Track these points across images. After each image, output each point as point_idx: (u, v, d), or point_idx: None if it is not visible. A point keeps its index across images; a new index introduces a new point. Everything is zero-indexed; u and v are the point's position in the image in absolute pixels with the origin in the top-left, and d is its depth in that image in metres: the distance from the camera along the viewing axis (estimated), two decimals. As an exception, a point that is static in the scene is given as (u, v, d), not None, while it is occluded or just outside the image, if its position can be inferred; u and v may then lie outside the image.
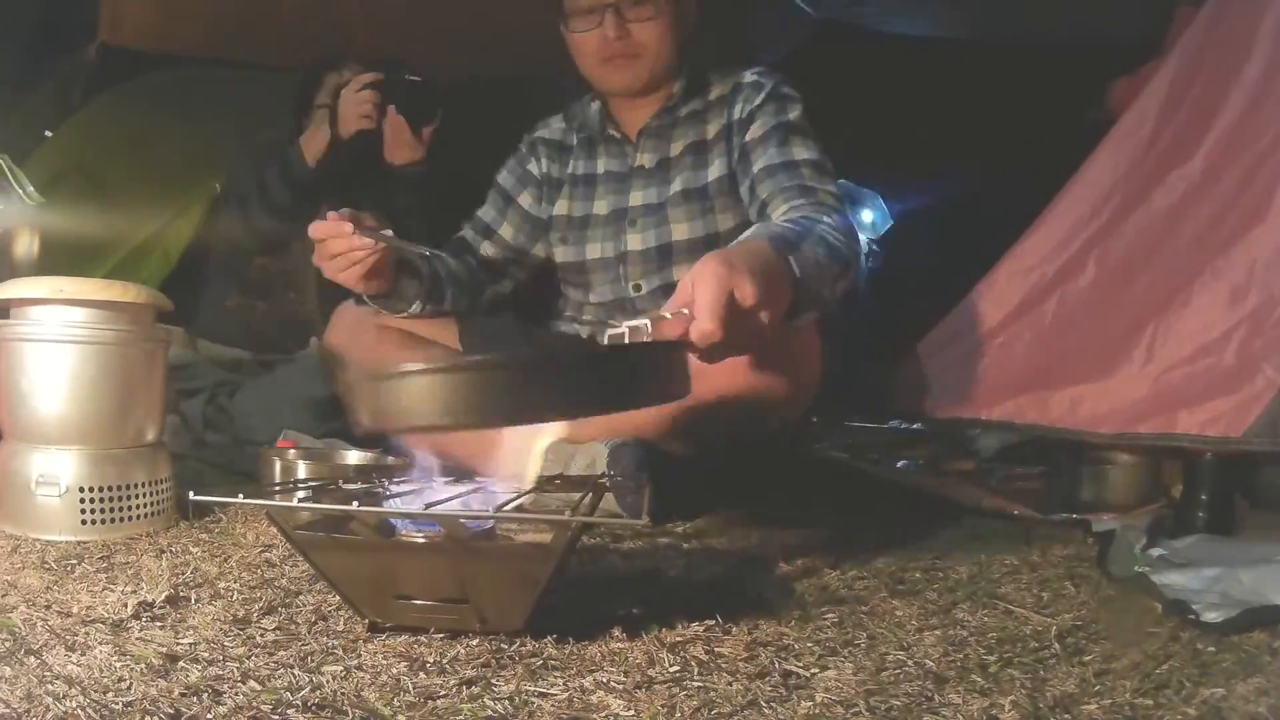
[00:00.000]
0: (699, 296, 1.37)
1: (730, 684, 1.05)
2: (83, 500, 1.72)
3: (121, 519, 1.75)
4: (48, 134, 3.83)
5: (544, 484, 1.46)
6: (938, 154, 3.21)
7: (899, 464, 2.31)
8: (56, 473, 1.72)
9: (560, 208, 2.53)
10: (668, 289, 2.30)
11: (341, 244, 2.06)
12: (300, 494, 1.29)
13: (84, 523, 1.72)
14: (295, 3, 3.66)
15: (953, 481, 2.13)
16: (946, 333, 2.18)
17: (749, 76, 2.37)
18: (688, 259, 2.29)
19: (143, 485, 1.79)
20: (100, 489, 1.74)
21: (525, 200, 2.57)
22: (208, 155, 3.52)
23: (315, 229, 2.06)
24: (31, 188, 2.56)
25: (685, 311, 1.38)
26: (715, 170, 2.35)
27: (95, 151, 3.59)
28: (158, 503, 1.81)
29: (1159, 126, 2.09)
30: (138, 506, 1.78)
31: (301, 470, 2.02)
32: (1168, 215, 2.03)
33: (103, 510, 1.73)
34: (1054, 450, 2.29)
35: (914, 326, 2.39)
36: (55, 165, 3.34)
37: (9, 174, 2.55)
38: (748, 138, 2.28)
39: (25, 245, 2.49)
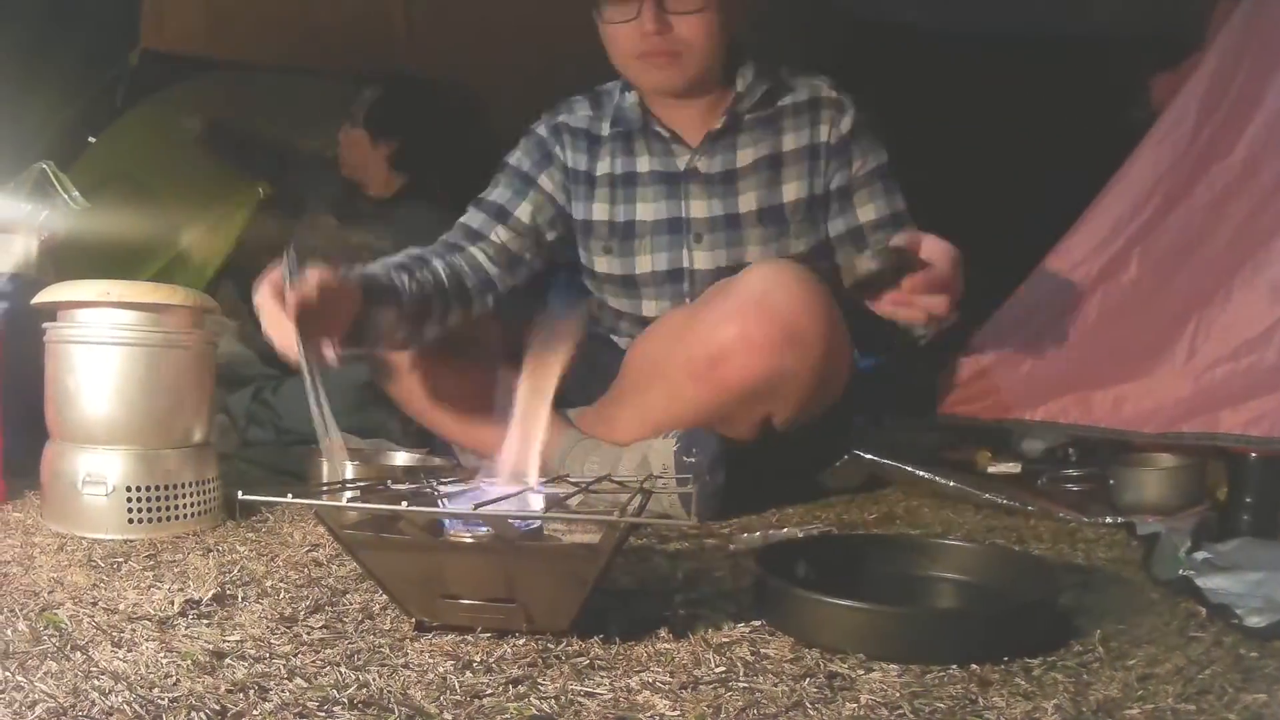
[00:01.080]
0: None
1: (775, 685, 1.05)
2: (129, 499, 1.73)
3: (168, 518, 1.76)
4: (91, 140, 3.86)
5: (592, 484, 1.46)
6: (977, 154, 3.19)
7: (943, 465, 2.29)
8: (103, 472, 1.73)
9: (599, 211, 2.33)
10: None
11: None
12: (349, 494, 1.29)
13: (130, 521, 1.73)
14: (337, 8, 3.68)
15: (997, 483, 2.11)
16: (990, 332, 2.17)
17: (827, 90, 2.26)
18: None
19: (190, 485, 1.80)
20: (147, 488, 1.75)
21: (547, 183, 2.35)
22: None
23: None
24: (76, 193, 2.58)
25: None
26: (793, 190, 2.24)
27: (139, 157, 3.62)
28: (205, 502, 1.83)
29: (1200, 121, 2.07)
30: (184, 506, 1.79)
31: (350, 471, 2.03)
32: (1209, 210, 2.00)
33: (149, 509, 1.75)
34: (1098, 451, 2.28)
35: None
36: (100, 170, 3.37)
37: (54, 179, 2.57)
38: (853, 173, 2.24)
39: (71, 249, 2.50)
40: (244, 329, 3.02)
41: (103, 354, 1.76)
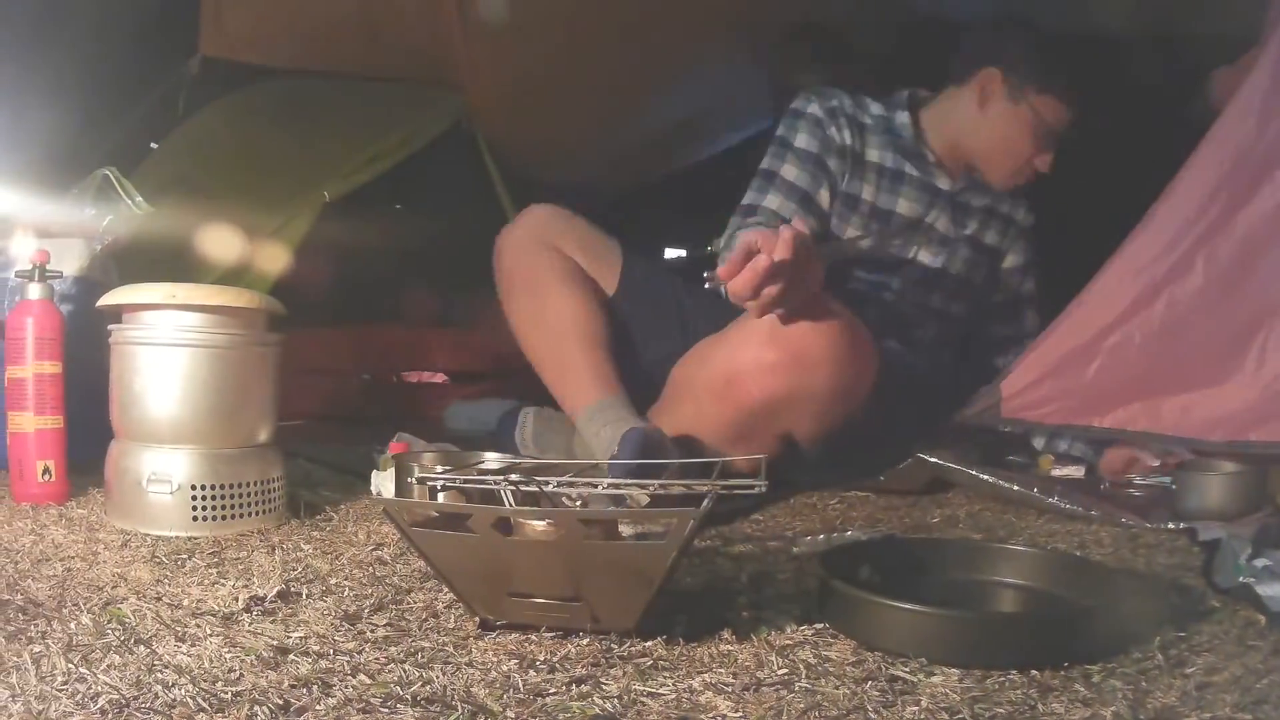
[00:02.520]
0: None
1: (837, 688, 1.04)
2: (194, 498, 1.77)
3: (232, 516, 1.79)
4: (153, 146, 3.90)
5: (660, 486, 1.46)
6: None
7: (1007, 469, 2.27)
8: (168, 471, 1.76)
9: (866, 191, 2.54)
10: (918, 309, 2.56)
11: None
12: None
13: (195, 519, 1.76)
14: (394, 14, 3.70)
15: (1060, 488, 2.09)
16: (1056, 336, 2.14)
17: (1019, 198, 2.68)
18: (946, 294, 2.59)
19: (254, 484, 1.83)
20: (211, 487, 1.78)
21: (833, 164, 2.52)
22: (311, 165, 3.55)
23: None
24: (140, 197, 2.60)
25: None
26: (991, 238, 2.65)
27: (200, 163, 3.65)
28: (268, 501, 1.86)
29: (1264, 118, 2.02)
30: (248, 505, 1.82)
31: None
32: (1276, 213, 1.97)
33: (213, 508, 1.78)
34: (1164, 458, 2.26)
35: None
36: (162, 176, 3.39)
37: (118, 185, 2.60)
38: (1009, 265, 2.70)
39: (134, 253, 2.53)
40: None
41: (168, 355, 1.78)
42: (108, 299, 1.86)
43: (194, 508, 1.76)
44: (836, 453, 2.16)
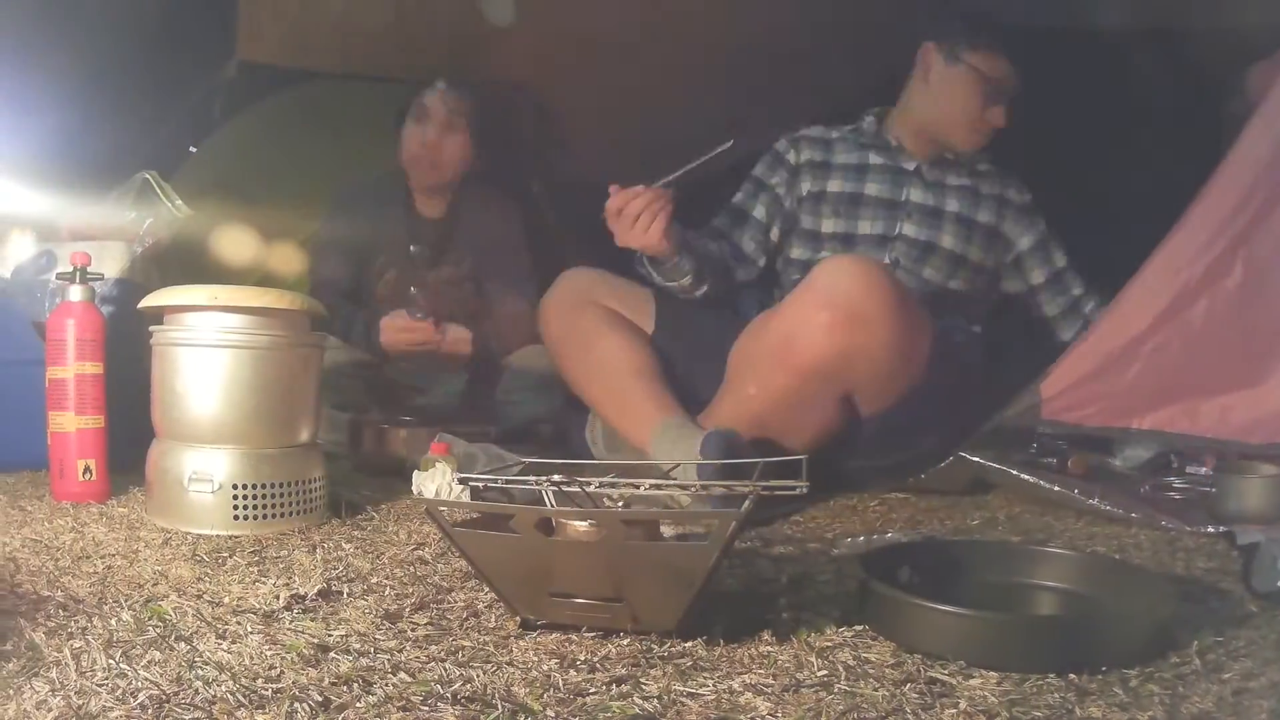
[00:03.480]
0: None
1: (876, 690, 1.04)
2: (235, 497, 1.79)
3: (273, 515, 1.82)
4: (192, 150, 3.92)
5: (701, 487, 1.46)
6: (1072, 151, 3.13)
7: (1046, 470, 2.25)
8: (210, 470, 1.78)
9: (833, 185, 2.72)
10: (917, 281, 2.62)
11: (640, 201, 2.23)
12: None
13: (236, 518, 1.78)
14: (430, 18, 3.70)
15: (1100, 490, 2.08)
16: (1095, 338, 2.12)
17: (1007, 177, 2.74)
18: (941, 265, 2.65)
19: (295, 484, 1.85)
20: (252, 486, 1.80)
21: (776, 183, 2.77)
22: (348, 168, 3.56)
23: (614, 201, 2.25)
24: (180, 200, 2.62)
25: None
26: (984, 216, 2.69)
27: (238, 167, 3.66)
28: (309, 501, 1.88)
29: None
30: (289, 504, 1.84)
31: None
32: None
33: (254, 507, 1.80)
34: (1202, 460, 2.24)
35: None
36: (201, 180, 3.41)
37: (157, 188, 2.61)
38: (1026, 246, 2.72)
39: (174, 255, 2.54)
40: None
41: (210, 356, 1.79)
42: (149, 300, 1.87)
43: (235, 507, 1.78)
44: (893, 430, 2.21)
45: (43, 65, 3.10)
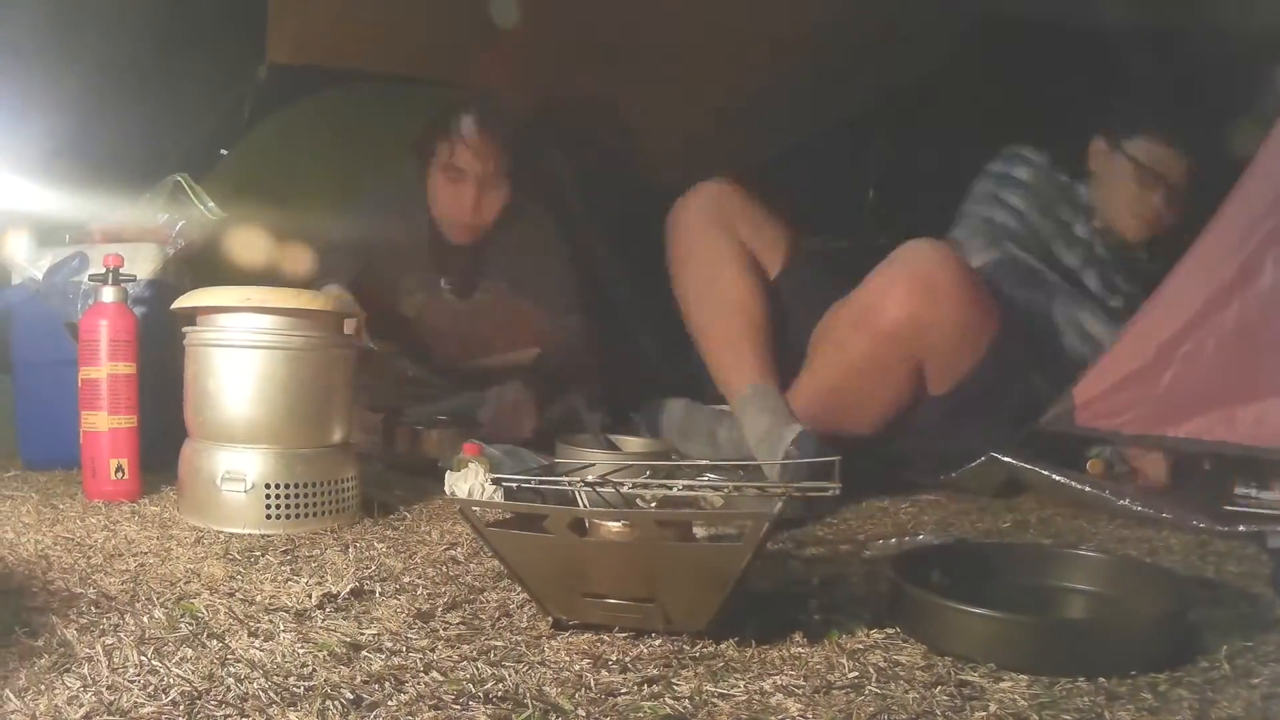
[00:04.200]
0: None
1: (907, 692, 1.04)
2: (268, 496, 1.79)
3: (305, 515, 1.82)
4: (223, 152, 3.94)
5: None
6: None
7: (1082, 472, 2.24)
8: (243, 470, 1.79)
9: None
10: None
11: None
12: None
13: (269, 517, 1.79)
14: (461, 19, 3.71)
15: (1133, 490, 2.07)
16: (1128, 343, 2.10)
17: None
18: None
19: (327, 483, 1.86)
20: (285, 486, 1.81)
21: None
22: (378, 170, 3.57)
23: None
24: (212, 203, 2.63)
25: None
26: None
27: (270, 169, 3.68)
28: (341, 500, 1.89)
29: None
30: (321, 504, 1.84)
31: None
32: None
33: (287, 506, 1.80)
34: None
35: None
36: (232, 181, 3.42)
37: (189, 190, 2.63)
38: None
39: (207, 256, 2.56)
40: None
41: (244, 357, 1.80)
42: (183, 302, 1.88)
43: (268, 506, 1.78)
44: (959, 414, 2.28)
45: (73, 69, 3.12)
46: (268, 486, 1.79)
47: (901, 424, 2.32)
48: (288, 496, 1.80)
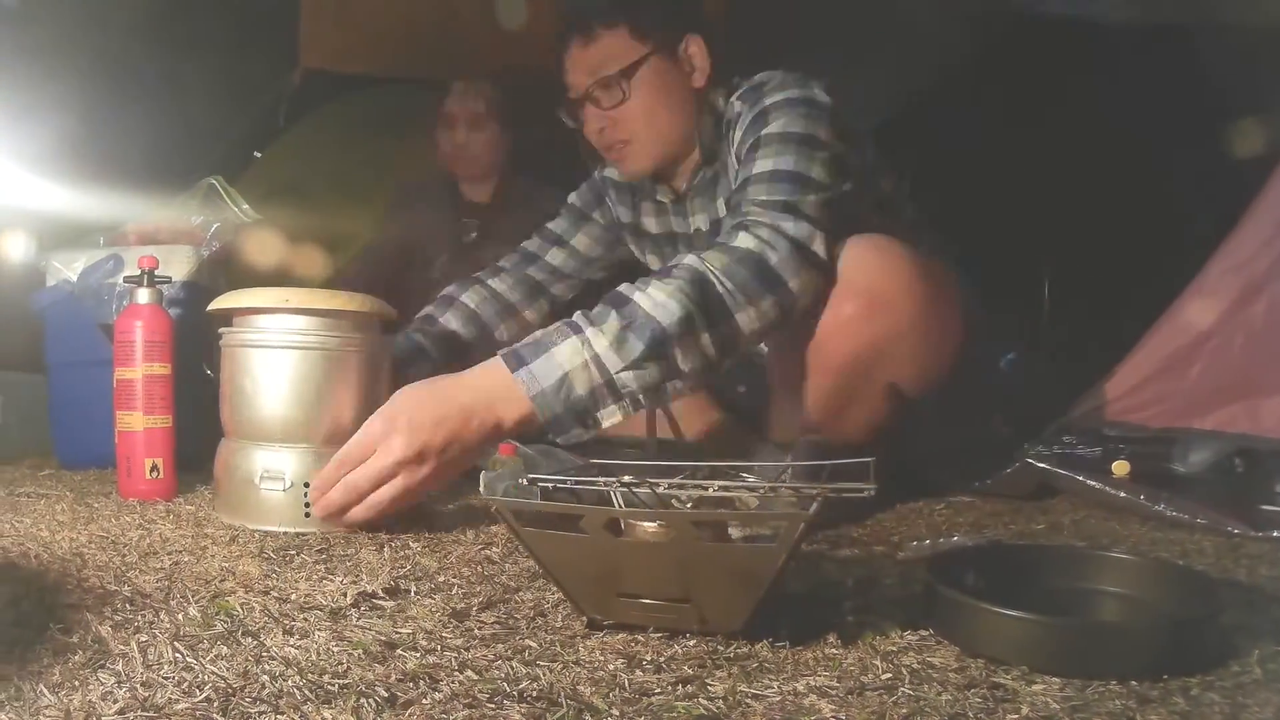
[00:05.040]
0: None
1: (940, 694, 1.03)
2: (306, 494, 1.78)
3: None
4: (256, 155, 3.97)
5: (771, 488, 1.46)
6: (1133, 149, 3.10)
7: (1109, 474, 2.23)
8: (281, 468, 1.81)
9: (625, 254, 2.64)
10: None
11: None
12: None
13: (306, 516, 1.79)
14: (489, 22, 3.73)
15: (1163, 494, 2.05)
16: (1160, 337, 2.09)
17: (734, 106, 2.24)
18: None
19: None
20: None
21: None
22: (410, 172, 3.59)
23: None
24: (246, 205, 2.65)
25: None
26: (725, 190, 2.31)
27: (303, 170, 3.71)
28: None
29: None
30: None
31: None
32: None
33: None
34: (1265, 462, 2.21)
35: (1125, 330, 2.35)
36: (265, 185, 3.45)
37: (224, 192, 2.64)
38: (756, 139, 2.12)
39: (242, 258, 2.57)
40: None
41: (282, 357, 1.82)
42: (220, 303, 1.89)
43: (306, 505, 1.78)
44: (952, 410, 2.15)
45: (107, 73, 3.14)
46: (306, 485, 1.78)
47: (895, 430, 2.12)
48: None
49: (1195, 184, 2.78)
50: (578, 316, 1.77)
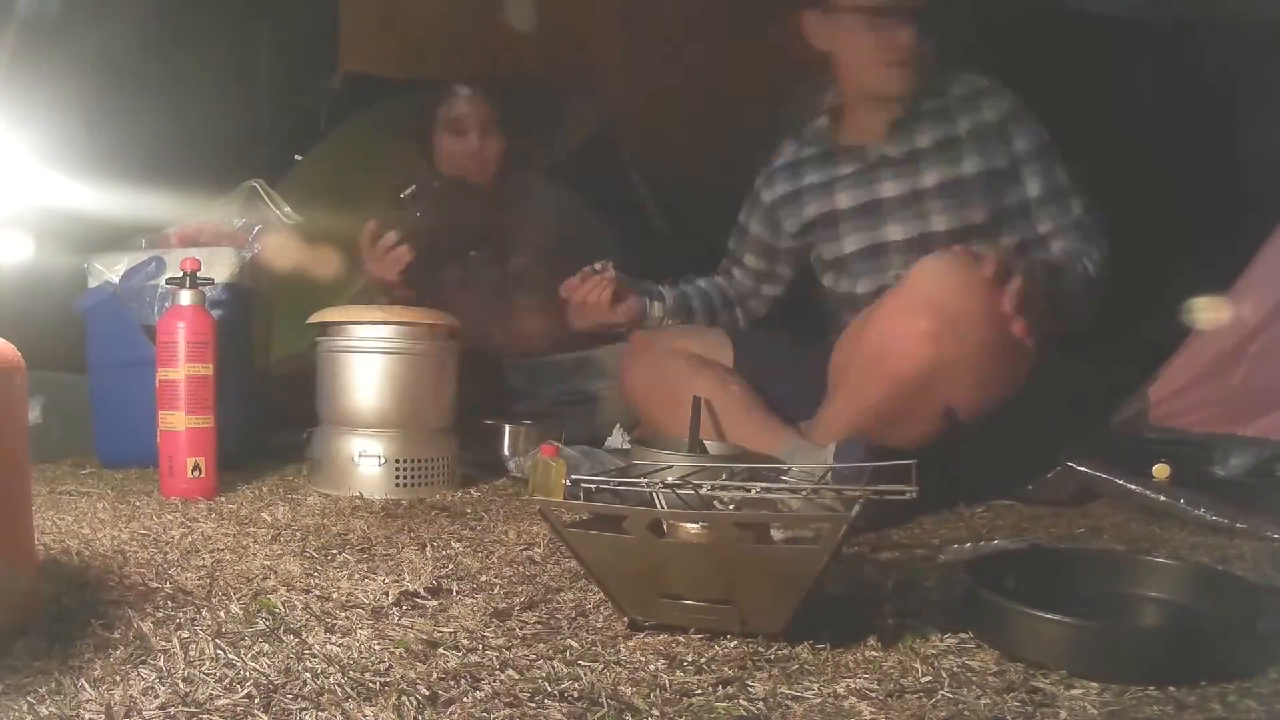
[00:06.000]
0: None
1: (979, 697, 1.03)
2: (397, 468, 2.22)
3: (424, 483, 2.25)
4: (297, 158, 3.98)
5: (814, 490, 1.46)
6: (1175, 148, 3.06)
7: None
8: (376, 449, 2.22)
9: (810, 212, 2.59)
10: None
11: (583, 290, 2.57)
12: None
13: (397, 485, 2.22)
14: (529, 24, 3.73)
15: (1204, 499, 2.03)
16: (1203, 339, 2.07)
17: (983, 81, 2.46)
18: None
19: (440, 459, 2.29)
20: (409, 460, 2.23)
21: (755, 227, 2.75)
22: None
23: (563, 293, 2.62)
24: (288, 208, 2.66)
25: None
26: (972, 165, 2.40)
27: (343, 174, 3.72)
28: (450, 473, 2.33)
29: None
30: (436, 475, 2.27)
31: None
32: None
33: (411, 476, 2.23)
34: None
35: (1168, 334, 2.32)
36: (306, 188, 3.46)
37: (265, 195, 2.66)
38: (1016, 149, 2.40)
39: (286, 259, 2.59)
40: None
41: (375, 360, 2.25)
42: (320, 316, 2.31)
43: (396, 476, 2.22)
44: (1002, 432, 2.11)
45: (151, 77, 3.17)
46: (397, 461, 2.22)
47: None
48: (410, 469, 2.23)
49: (1242, 185, 2.75)
50: None
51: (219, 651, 1.09)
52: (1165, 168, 2.95)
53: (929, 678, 1.09)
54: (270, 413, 2.79)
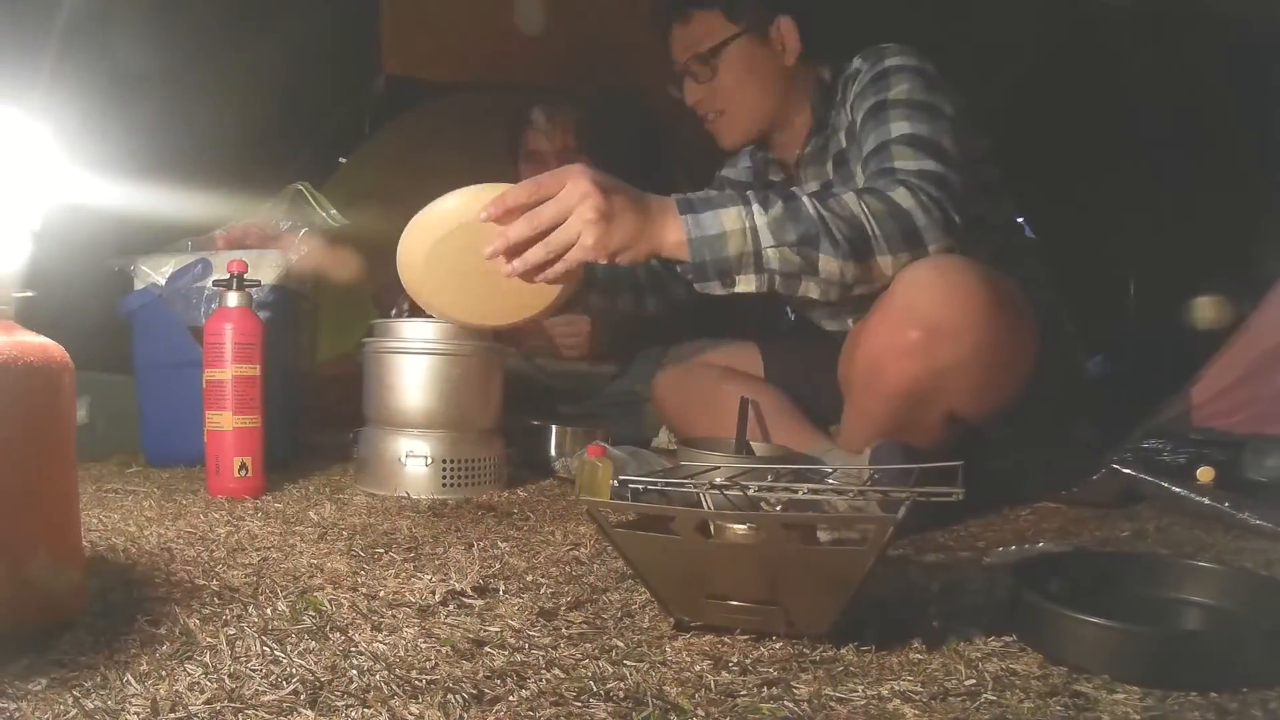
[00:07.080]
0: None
1: (1022, 701, 1.03)
2: (444, 469, 2.21)
3: (471, 484, 2.24)
4: (341, 160, 4.01)
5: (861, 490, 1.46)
6: (1209, 142, 3.03)
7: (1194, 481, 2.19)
8: (423, 449, 2.21)
9: None
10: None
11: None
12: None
13: (444, 485, 2.21)
14: (569, 29, 3.74)
15: (1248, 502, 2.01)
16: (1248, 337, 2.04)
17: (854, 63, 2.29)
18: None
19: (487, 459, 2.28)
20: (455, 461, 2.22)
21: None
22: (494, 175, 3.61)
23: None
24: (334, 210, 2.68)
25: None
26: (860, 173, 2.21)
27: (386, 175, 3.74)
28: (496, 473, 2.31)
29: None
30: (482, 475, 2.26)
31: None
32: None
33: (457, 476, 2.22)
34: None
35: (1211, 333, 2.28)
36: (352, 189, 3.48)
37: (311, 197, 2.68)
38: (858, 129, 2.21)
39: (331, 260, 2.60)
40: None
41: (422, 361, 2.25)
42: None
43: (444, 476, 2.21)
44: (1027, 430, 2.13)
45: (196, 78, 3.19)
46: (444, 461, 2.21)
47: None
48: (457, 469, 2.22)
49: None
50: (750, 194, 1.89)
51: (265, 648, 1.10)
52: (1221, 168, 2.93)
53: (972, 681, 1.08)
54: (317, 413, 2.81)
